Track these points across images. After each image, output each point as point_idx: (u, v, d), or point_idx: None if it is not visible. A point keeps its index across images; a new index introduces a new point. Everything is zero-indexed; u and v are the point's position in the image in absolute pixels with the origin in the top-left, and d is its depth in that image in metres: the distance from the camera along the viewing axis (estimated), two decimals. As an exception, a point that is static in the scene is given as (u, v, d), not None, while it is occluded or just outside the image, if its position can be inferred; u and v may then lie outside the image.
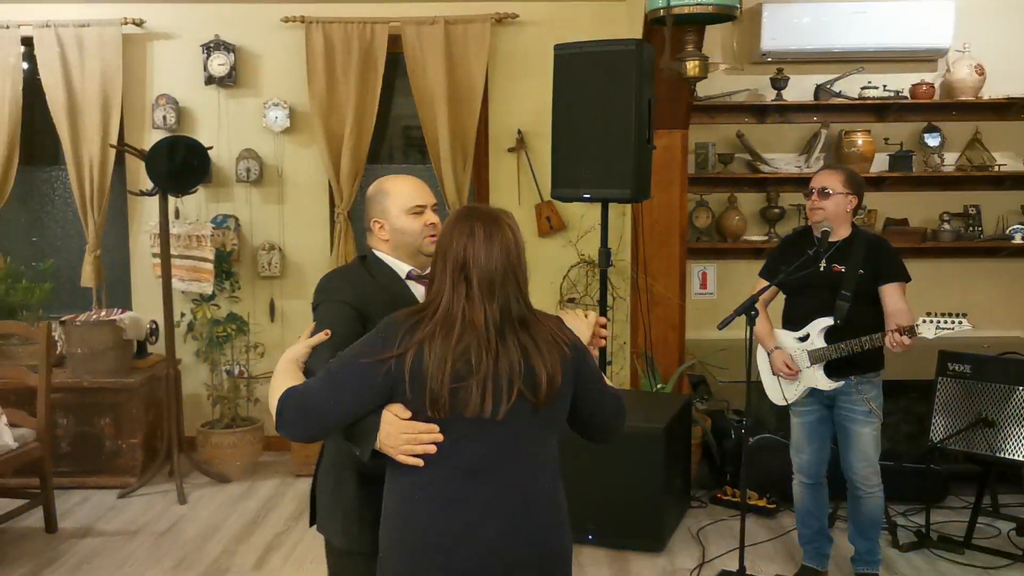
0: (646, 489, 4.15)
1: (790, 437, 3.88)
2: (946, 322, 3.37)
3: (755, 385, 3.83)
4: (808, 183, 3.70)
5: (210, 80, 5.46)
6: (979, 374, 4.20)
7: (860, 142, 5.28)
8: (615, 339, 5.48)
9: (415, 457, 1.91)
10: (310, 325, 2.21)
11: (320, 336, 2.11)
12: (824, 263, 3.57)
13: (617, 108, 3.89)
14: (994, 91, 5.24)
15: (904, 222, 5.40)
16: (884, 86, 5.27)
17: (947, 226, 5.35)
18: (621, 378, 5.53)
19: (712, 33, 4.99)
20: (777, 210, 5.43)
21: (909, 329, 3.38)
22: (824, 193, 3.60)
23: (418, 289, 2.28)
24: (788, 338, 3.73)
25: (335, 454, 2.26)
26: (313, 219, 5.66)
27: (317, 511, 2.33)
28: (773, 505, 4.62)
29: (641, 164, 3.94)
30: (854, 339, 3.52)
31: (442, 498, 1.92)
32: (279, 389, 1.96)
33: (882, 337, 3.46)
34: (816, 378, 3.65)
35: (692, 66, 4.39)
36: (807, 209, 3.72)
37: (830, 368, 3.62)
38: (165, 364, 5.18)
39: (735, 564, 3.75)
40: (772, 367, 3.76)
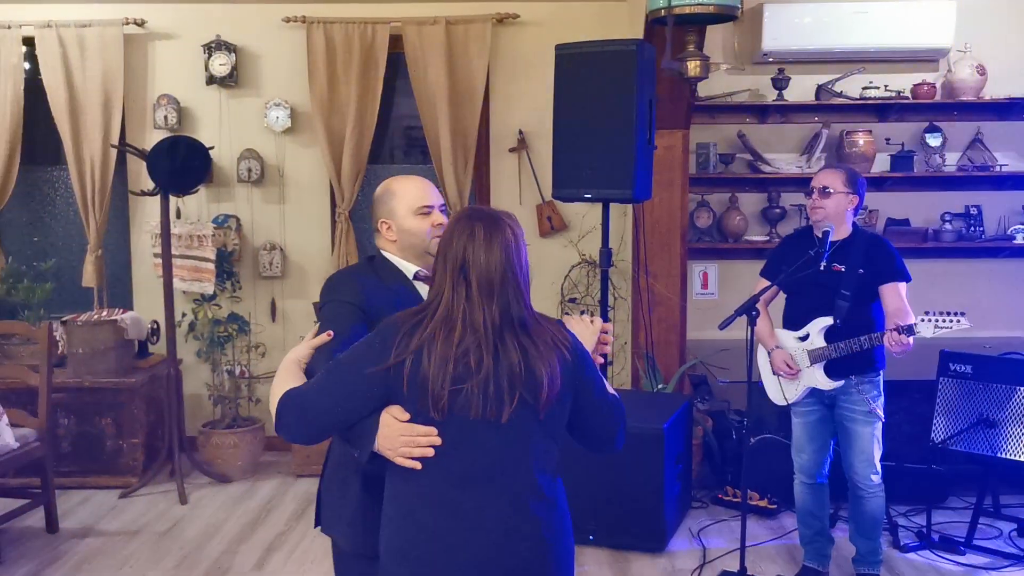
0: (647, 489, 4.14)
1: (791, 437, 3.88)
2: (944, 320, 3.37)
3: (756, 385, 3.83)
4: (809, 183, 3.70)
5: (211, 80, 5.47)
6: (980, 374, 4.20)
7: (861, 142, 5.28)
8: (616, 339, 5.48)
9: (413, 460, 1.90)
10: (315, 326, 2.20)
11: (323, 337, 2.10)
12: (824, 263, 3.57)
13: (618, 108, 3.89)
14: (995, 91, 5.23)
15: (905, 222, 5.40)
16: (885, 86, 5.27)
17: (948, 226, 5.34)
18: (622, 378, 5.53)
19: (713, 33, 4.99)
20: (778, 210, 5.42)
21: (908, 328, 3.37)
22: (825, 192, 3.60)
23: (425, 290, 2.27)
24: (788, 338, 3.73)
25: (341, 455, 2.24)
26: (314, 219, 5.66)
27: (323, 512, 2.32)
28: (774, 505, 4.62)
29: (642, 164, 3.94)
30: (853, 338, 3.52)
31: (439, 504, 1.91)
32: (279, 391, 1.96)
33: (881, 336, 3.46)
34: (816, 378, 3.64)
35: (693, 66, 4.39)
36: (808, 208, 3.72)
37: (830, 368, 3.61)
38: (166, 364, 5.19)
39: (736, 564, 3.75)
40: (772, 366, 3.77)
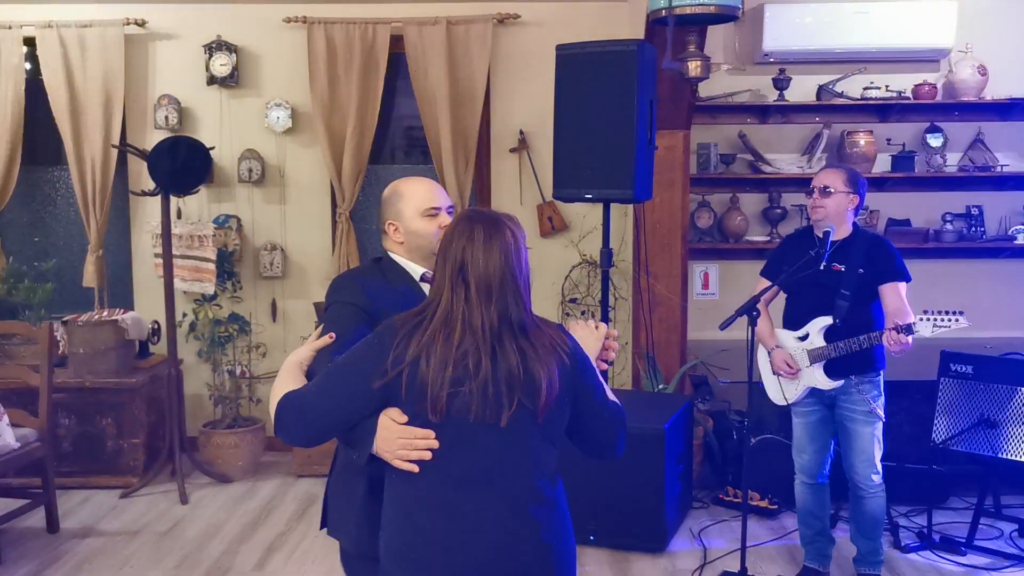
0: (648, 489, 4.14)
1: (792, 438, 3.88)
2: (943, 320, 3.36)
3: (757, 385, 3.83)
4: (810, 183, 3.70)
5: (212, 80, 5.47)
6: (981, 375, 4.19)
7: (862, 142, 5.28)
8: (617, 339, 5.47)
9: (410, 463, 1.89)
10: (317, 328, 2.20)
11: (325, 339, 2.09)
12: (824, 262, 3.57)
13: (619, 108, 3.89)
14: (997, 91, 5.23)
15: (906, 222, 5.39)
16: (886, 86, 5.27)
17: (949, 227, 5.34)
18: (623, 378, 5.52)
19: (714, 33, 4.99)
20: (779, 210, 5.42)
21: (906, 327, 3.37)
22: (825, 192, 3.60)
23: None
24: (788, 337, 3.73)
25: (347, 459, 2.22)
26: (315, 219, 5.66)
27: (329, 515, 2.31)
28: (775, 506, 4.62)
29: (643, 164, 3.94)
30: (852, 338, 3.51)
31: (437, 506, 1.90)
32: (279, 393, 1.95)
33: (880, 336, 3.46)
34: (816, 377, 3.64)
35: (694, 66, 4.38)
36: (808, 208, 3.72)
37: (830, 367, 3.61)
38: (167, 364, 5.19)
39: (737, 565, 3.75)
40: (772, 366, 3.76)
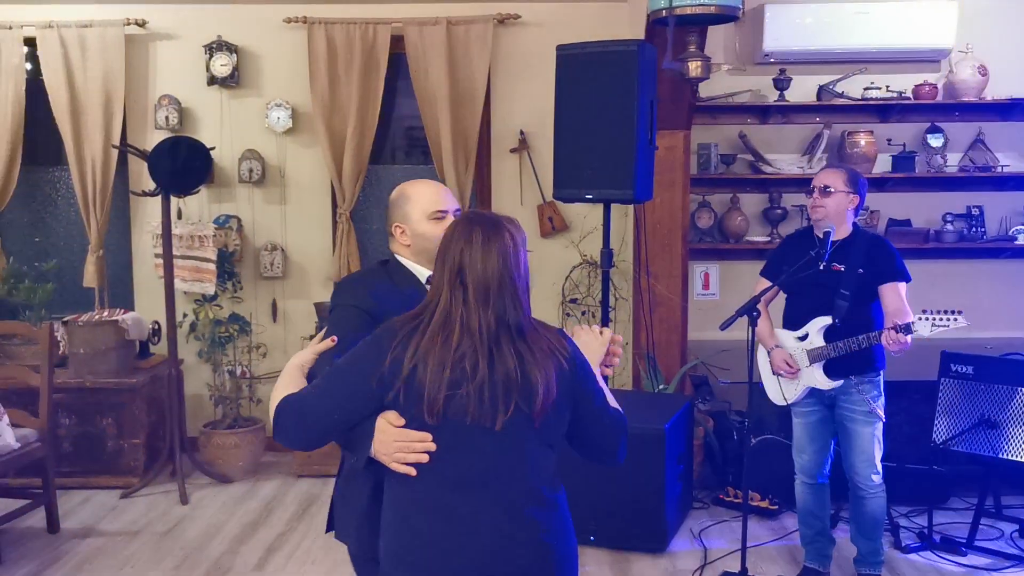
0: (648, 490, 4.14)
1: (792, 438, 3.88)
2: (941, 319, 3.36)
3: (757, 386, 3.83)
4: (810, 183, 3.70)
5: (212, 81, 5.47)
6: (982, 375, 4.19)
7: (863, 143, 5.27)
8: (621, 344, 5.48)
9: (407, 465, 1.89)
10: (320, 331, 2.20)
11: (327, 343, 2.09)
12: (824, 262, 3.57)
13: (619, 109, 3.88)
14: (997, 92, 5.23)
15: (907, 223, 5.39)
16: (887, 87, 5.26)
17: (950, 227, 5.33)
18: (623, 379, 5.52)
19: (714, 34, 4.98)
20: (780, 211, 5.42)
21: (905, 327, 3.37)
22: (826, 191, 3.60)
23: None
24: (788, 337, 3.73)
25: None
26: (315, 220, 5.66)
27: (336, 518, 2.31)
28: (775, 506, 4.61)
29: (643, 165, 3.93)
30: (852, 337, 3.51)
31: (434, 509, 1.90)
32: (279, 396, 1.96)
33: (879, 335, 3.45)
34: (815, 377, 3.64)
35: (694, 67, 4.39)
36: (808, 207, 3.72)
37: (830, 367, 3.61)
38: (167, 364, 5.19)
39: (737, 565, 3.75)
40: (772, 366, 3.76)
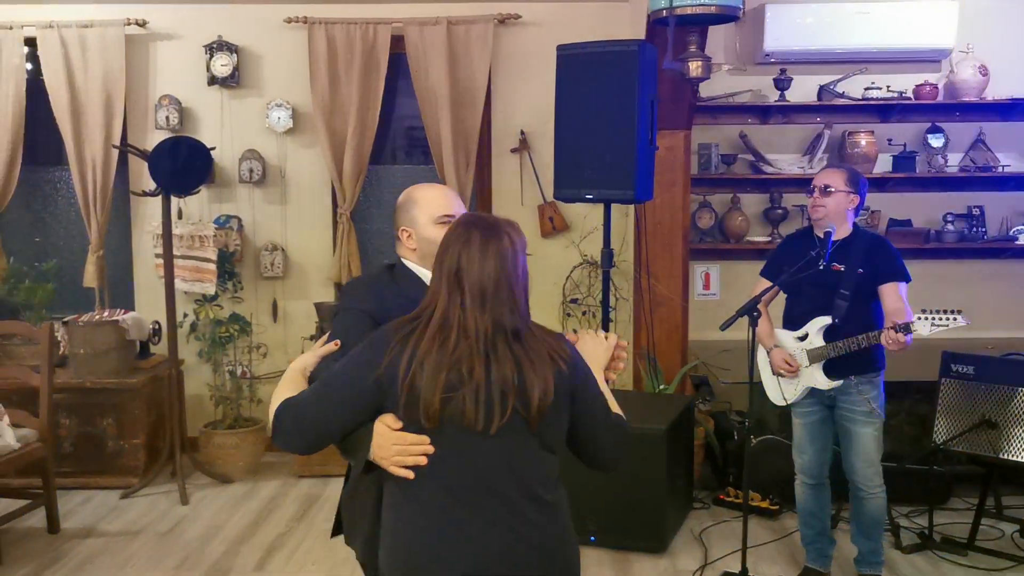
0: (648, 490, 4.14)
1: (792, 438, 3.88)
2: (941, 319, 3.36)
3: (757, 386, 3.82)
4: (811, 183, 3.69)
5: (213, 81, 5.47)
6: (982, 375, 4.18)
7: (863, 143, 5.27)
8: (626, 349, 5.47)
9: (405, 469, 1.89)
10: (326, 334, 2.20)
11: (330, 346, 2.09)
12: (824, 262, 3.56)
13: (620, 109, 3.89)
14: (998, 92, 5.23)
15: (907, 223, 5.39)
16: (887, 87, 5.26)
17: (950, 227, 5.33)
18: (624, 379, 5.51)
19: (715, 34, 4.98)
20: (780, 211, 5.41)
21: (905, 327, 3.36)
22: (826, 191, 3.60)
23: None
24: (787, 338, 3.72)
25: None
26: (316, 219, 5.66)
27: (344, 522, 2.31)
28: (776, 506, 4.61)
29: (644, 165, 3.94)
30: (851, 337, 3.51)
31: (432, 513, 1.89)
32: (279, 400, 1.95)
33: (879, 335, 3.45)
34: (815, 378, 3.64)
35: (695, 67, 4.39)
36: (809, 207, 3.71)
37: (830, 367, 3.61)
38: (168, 364, 5.19)
39: (737, 565, 3.74)
40: (772, 366, 3.76)
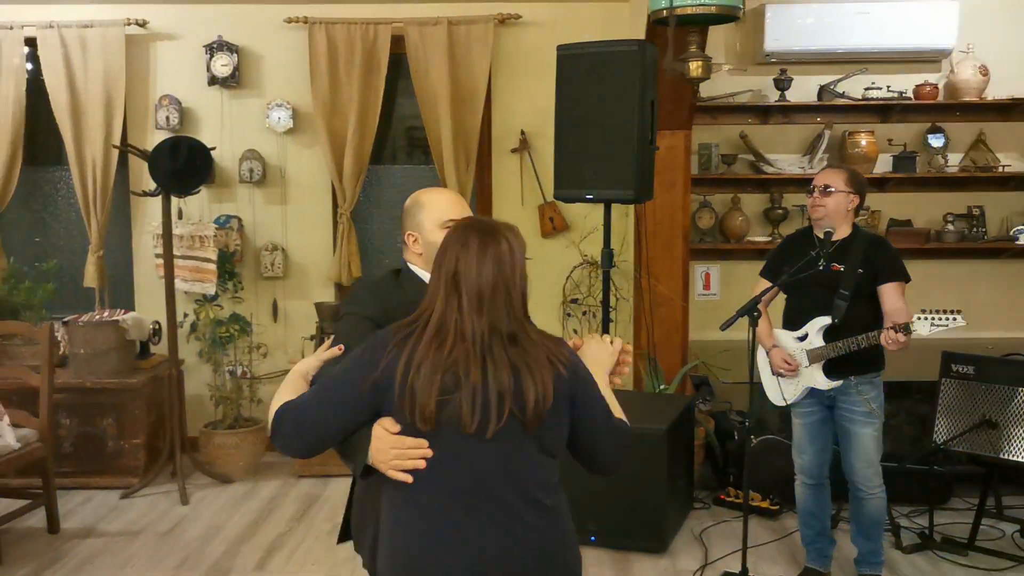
0: (649, 490, 4.14)
1: (792, 438, 3.88)
2: (940, 319, 3.36)
3: (758, 386, 3.82)
4: (811, 183, 3.70)
5: (213, 81, 5.47)
6: (982, 375, 4.18)
7: (864, 143, 5.27)
8: (613, 335, 5.47)
9: (404, 473, 1.88)
10: (330, 338, 2.20)
11: (333, 351, 2.09)
12: (823, 262, 3.56)
13: (620, 109, 3.88)
14: (998, 92, 5.23)
15: (908, 223, 5.39)
16: (888, 87, 5.26)
17: (951, 227, 5.33)
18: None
19: (715, 34, 4.98)
20: (780, 211, 5.41)
21: (904, 327, 3.36)
22: (826, 191, 3.60)
23: None
24: (787, 338, 3.72)
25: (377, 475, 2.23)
26: (316, 220, 5.66)
27: (354, 527, 2.30)
28: (776, 506, 4.61)
29: (644, 165, 3.93)
30: (851, 337, 3.51)
31: (431, 516, 1.89)
32: (279, 403, 1.95)
33: (878, 335, 3.45)
34: (815, 378, 3.63)
35: (695, 67, 4.38)
36: (808, 206, 3.71)
37: (830, 368, 3.61)
38: (168, 364, 5.19)
39: (738, 566, 3.74)
40: (771, 366, 3.76)
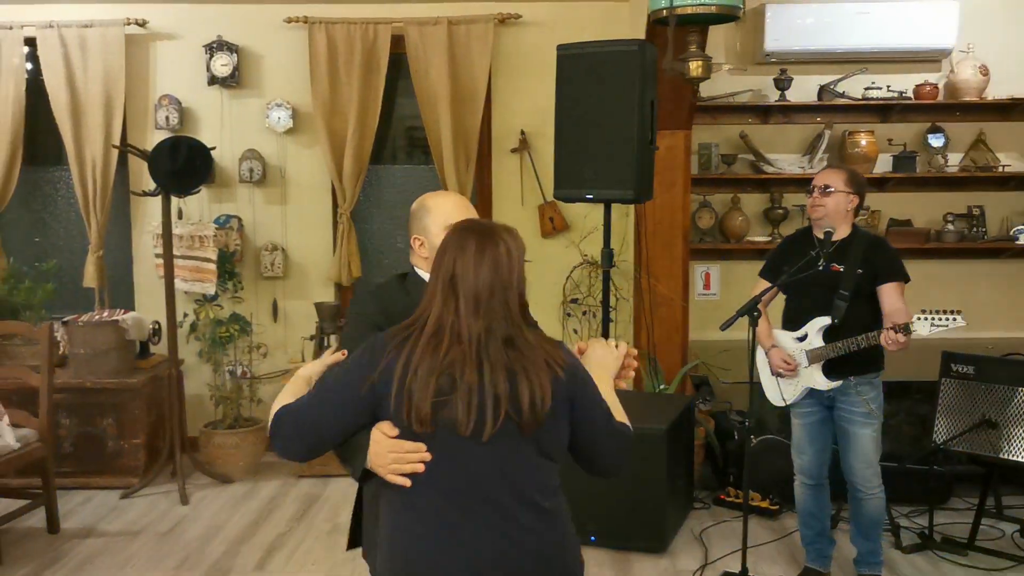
0: (649, 490, 4.14)
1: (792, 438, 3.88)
2: (940, 319, 3.36)
3: (757, 386, 3.82)
4: (811, 183, 3.69)
5: (213, 80, 5.47)
6: (982, 375, 4.18)
7: (864, 143, 5.27)
8: (618, 339, 5.47)
9: (402, 477, 1.88)
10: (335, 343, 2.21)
11: (337, 356, 2.09)
12: (823, 262, 3.56)
13: (620, 108, 3.88)
14: (998, 92, 5.23)
15: (908, 223, 5.39)
16: (888, 87, 5.26)
17: (951, 227, 5.33)
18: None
19: (715, 33, 4.98)
20: (780, 211, 5.41)
21: (904, 327, 3.36)
22: (826, 191, 3.60)
23: None
24: (787, 338, 3.72)
25: (375, 483, 2.20)
26: (316, 219, 5.66)
27: (363, 534, 2.30)
28: (776, 506, 4.61)
29: (644, 165, 3.94)
30: (850, 338, 3.51)
31: (429, 519, 1.88)
32: (278, 406, 1.96)
33: (878, 335, 3.44)
34: (814, 378, 3.63)
35: (695, 67, 4.37)
36: (808, 206, 3.71)
37: (829, 368, 3.61)
38: (168, 364, 5.19)
39: (738, 566, 3.74)
40: (770, 365, 3.76)
